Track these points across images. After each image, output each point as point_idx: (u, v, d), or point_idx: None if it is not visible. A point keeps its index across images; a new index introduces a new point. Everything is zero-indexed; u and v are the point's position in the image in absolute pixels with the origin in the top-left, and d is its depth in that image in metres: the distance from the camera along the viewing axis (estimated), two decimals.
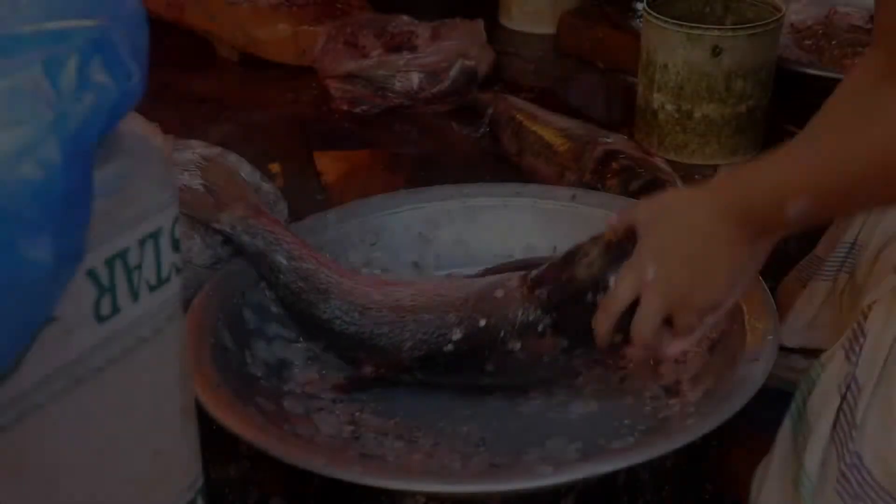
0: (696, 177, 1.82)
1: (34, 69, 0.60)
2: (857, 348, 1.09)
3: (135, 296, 0.73)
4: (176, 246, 0.75)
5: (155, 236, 0.73)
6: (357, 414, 1.28)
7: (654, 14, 1.83)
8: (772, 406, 1.20)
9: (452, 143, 2.01)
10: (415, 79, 2.05)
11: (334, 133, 2.07)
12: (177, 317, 0.79)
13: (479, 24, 2.18)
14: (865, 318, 1.12)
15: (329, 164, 1.95)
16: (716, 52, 1.77)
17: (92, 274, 0.68)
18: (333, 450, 1.18)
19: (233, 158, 1.57)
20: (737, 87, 1.81)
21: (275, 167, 1.84)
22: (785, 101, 1.97)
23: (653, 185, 1.62)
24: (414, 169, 1.93)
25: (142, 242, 0.72)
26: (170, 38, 2.38)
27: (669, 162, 1.75)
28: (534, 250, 1.51)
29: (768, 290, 1.32)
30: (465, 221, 1.55)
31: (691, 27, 1.79)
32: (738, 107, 1.83)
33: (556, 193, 1.57)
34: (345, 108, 2.08)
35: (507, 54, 2.36)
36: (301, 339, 1.39)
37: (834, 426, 1.09)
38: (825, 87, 1.76)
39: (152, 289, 0.75)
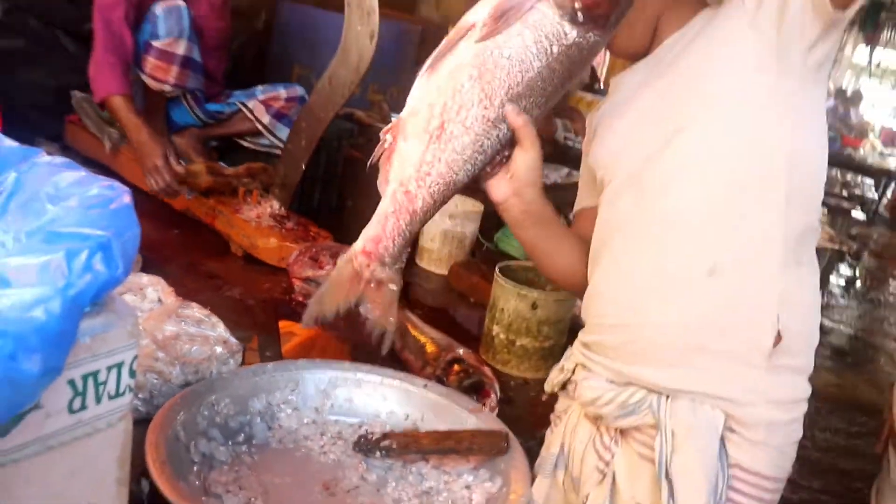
0: (512, 383, 1.88)
1: (60, 254, 0.66)
2: None
3: (98, 400, 0.76)
4: (132, 373, 0.79)
5: (119, 366, 0.77)
6: (253, 500, 1.22)
7: (501, 276, 1.92)
8: None
9: (362, 334, 1.95)
10: None
11: (293, 315, 2.04)
12: (125, 418, 0.81)
13: None
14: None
15: (286, 334, 1.94)
16: (534, 306, 1.86)
17: (71, 382, 0.72)
18: None
19: (214, 319, 1.58)
20: (544, 330, 1.88)
21: (249, 330, 1.84)
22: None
23: (479, 385, 1.66)
24: (334, 344, 1.92)
25: (109, 368, 0.75)
26: (202, 234, 2.44)
27: (497, 371, 1.80)
28: (393, 415, 1.50)
29: (528, 466, 1.33)
30: (354, 387, 1.53)
31: (521, 288, 1.88)
32: (544, 343, 1.90)
33: (415, 381, 1.56)
34: (300, 299, 2.10)
35: (414, 283, 2.43)
36: (229, 443, 1.34)
37: None
38: None
39: (111, 398, 0.78)
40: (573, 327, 1.98)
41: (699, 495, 1.06)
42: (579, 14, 0.91)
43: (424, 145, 0.98)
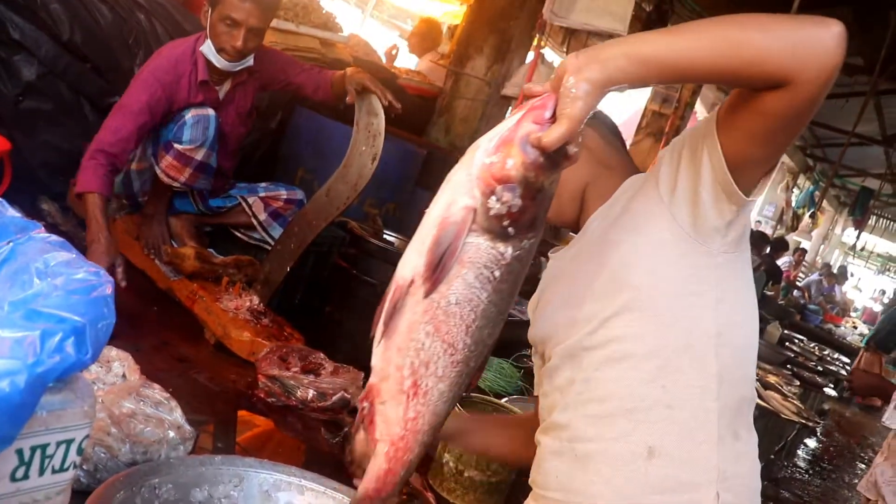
0: None
1: (36, 332, 0.71)
2: None
3: (41, 472, 0.79)
4: (80, 451, 0.82)
5: (69, 442, 0.81)
6: None
7: (459, 407, 1.94)
8: None
9: (316, 440, 2.02)
10: (310, 393, 2.10)
11: (253, 408, 2.07)
12: (64, 492, 0.84)
13: (360, 375, 2.24)
14: None
15: (245, 423, 1.96)
16: None
17: (19, 452, 0.76)
18: None
19: (173, 404, 1.60)
20: (492, 466, 1.89)
21: (207, 416, 1.83)
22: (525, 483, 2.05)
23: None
24: (290, 442, 1.92)
25: (59, 443, 0.79)
26: (179, 316, 2.47)
27: (441, 499, 1.80)
28: None
29: None
30: (297, 493, 1.53)
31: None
32: (491, 477, 1.90)
33: None
34: (262, 395, 2.12)
35: None
36: None
37: None
38: None
39: (55, 472, 0.81)
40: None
41: None
42: (510, 230, 0.90)
43: (404, 404, 0.99)
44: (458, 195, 0.91)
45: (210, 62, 2.48)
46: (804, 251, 13.78)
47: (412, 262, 0.94)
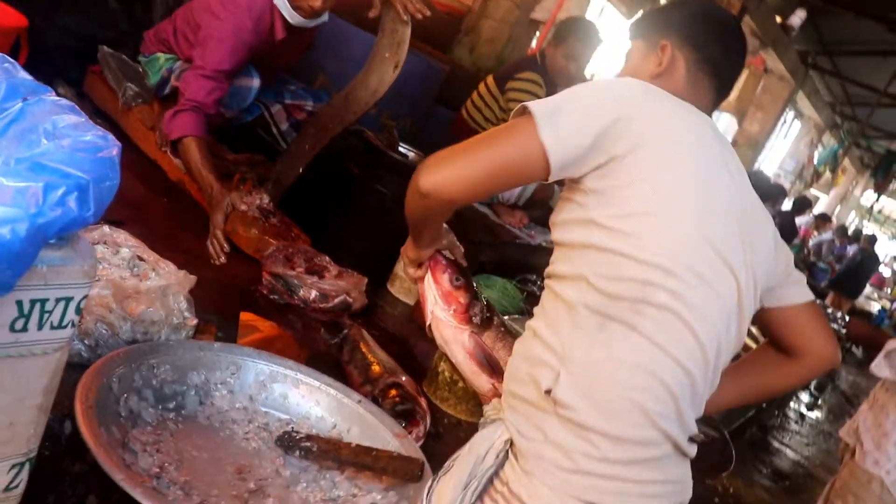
0: (445, 421, 1.91)
1: (39, 184, 0.71)
2: None
3: (40, 327, 0.80)
4: (78, 311, 0.83)
5: (68, 300, 0.81)
6: (166, 465, 1.26)
7: None
8: None
9: (315, 339, 2.04)
10: (312, 293, 2.12)
11: (255, 306, 2.07)
12: (62, 350, 0.85)
13: (364, 280, 2.26)
14: None
15: (248, 328, 1.94)
16: None
17: (18, 303, 0.77)
18: (134, 476, 1.15)
19: (177, 289, 1.61)
20: None
21: (210, 312, 1.83)
22: None
23: (410, 413, 1.70)
24: (293, 349, 1.90)
25: (58, 300, 0.80)
26: (189, 209, 2.47)
27: (434, 406, 1.83)
28: (322, 420, 1.55)
29: None
30: (292, 385, 1.57)
31: None
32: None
33: (352, 394, 1.61)
34: (265, 292, 2.13)
35: (380, 306, 2.46)
36: (159, 406, 1.38)
37: None
38: None
39: (53, 328, 0.82)
40: None
41: (453, 484, 1.20)
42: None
43: None
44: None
45: (285, 18, 2.44)
46: (827, 218, 13.59)
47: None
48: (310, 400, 1.58)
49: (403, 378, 1.80)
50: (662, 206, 1.12)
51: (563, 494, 1.12)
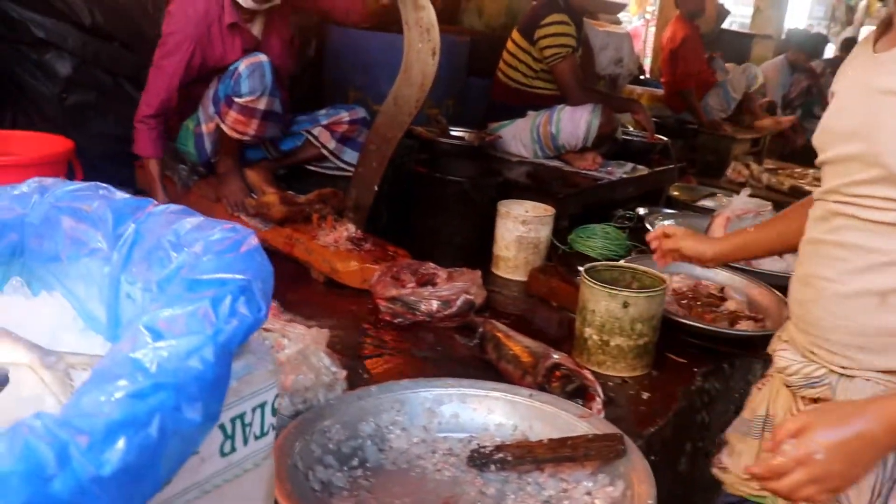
0: (610, 384, 1.84)
1: (205, 302, 0.66)
2: None
3: (245, 442, 0.76)
4: (273, 412, 0.79)
5: (262, 406, 0.77)
6: None
7: (588, 277, 1.89)
8: None
9: (454, 348, 2.00)
10: (434, 304, 2.07)
11: (382, 334, 2.04)
12: (270, 456, 0.81)
13: (478, 273, 2.20)
14: None
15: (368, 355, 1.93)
16: (625, 305, 1.82)
17: (222, 427, 0.72)
18: None
19: (314, 347, 1.57)
20: (637, 328, 1.84)
21: (349, 355, 1.82)
22: (668, 338, 2.01)
23: (582, 389, 1.63)
24: (428, 364, 1.89)
25: (254, 409, 0.76)
26: (281, 264, 2.42)
27: (594, 373, 1.77)
28: (502, 427, 1.49)
29: (647, 465, 1.31)
30: (460, 402, 1.53)
31: (611, 288, 1.84)
32: (638, 341, 1.85)
33: (520, 391, 1.55)
34: (388, 318, 2.09)
35: (495, 292, 2.40)
36: (345, 468, 1.35)
37: None
38: (693, 331, 1.85)
39: (257, 438, 0.78)
40: (665, 323, 1.95)
41: None
42: None
43: None
44: None
45: (236, 2, 2.40)
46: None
47: None
48: (482, 411, 1.52)
49: (557, 356, 1.73)
50: None
51: None
